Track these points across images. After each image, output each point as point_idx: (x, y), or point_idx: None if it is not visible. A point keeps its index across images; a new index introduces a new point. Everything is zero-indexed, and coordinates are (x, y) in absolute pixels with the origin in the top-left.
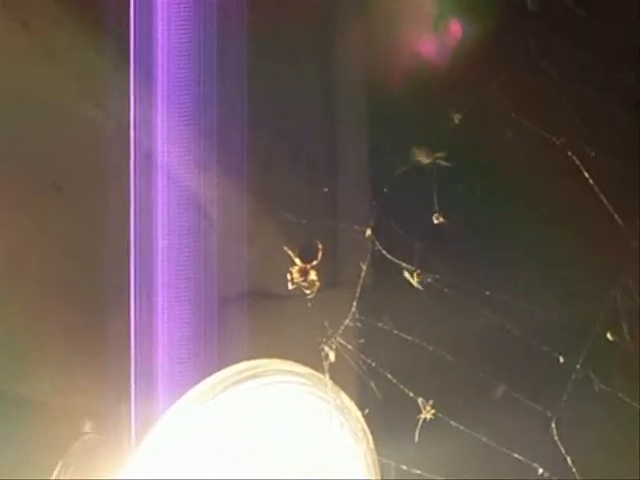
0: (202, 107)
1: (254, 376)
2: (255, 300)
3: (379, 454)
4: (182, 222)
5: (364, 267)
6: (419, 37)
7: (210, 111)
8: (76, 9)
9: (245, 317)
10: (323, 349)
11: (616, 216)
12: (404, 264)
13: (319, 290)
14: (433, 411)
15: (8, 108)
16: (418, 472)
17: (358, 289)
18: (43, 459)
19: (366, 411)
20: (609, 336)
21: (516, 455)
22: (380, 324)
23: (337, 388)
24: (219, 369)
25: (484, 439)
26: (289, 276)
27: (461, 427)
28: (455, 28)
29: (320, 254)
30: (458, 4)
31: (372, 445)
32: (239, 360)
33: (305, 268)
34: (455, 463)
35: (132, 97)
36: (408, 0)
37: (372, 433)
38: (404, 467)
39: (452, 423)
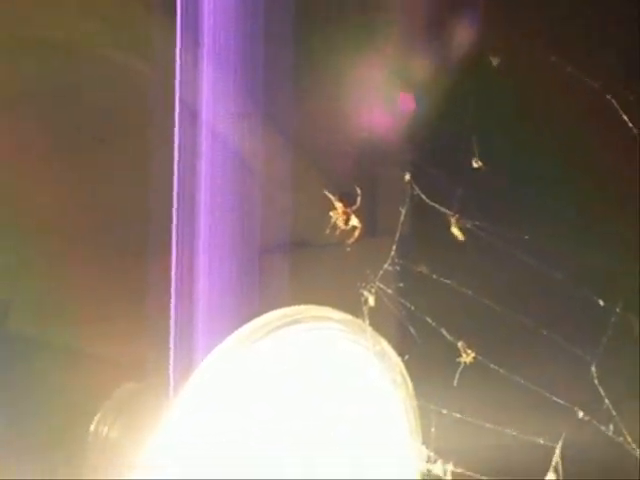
0: (248, 60)
1: (293, 322)
2: (296, 248)
3: (419, 398)
4: (225, 172)
5: (403, 212)
6: None
7: (256, 64)
8: None
9: (286, 265)
10: (363, 294)
11: None
12: (443, 209)
13: (360, 235)
14: (473, 354)
15: (53, 60)
16: (458, 416)
17: (397, 234)
18: (85, 407)
19: (406, 357)
20: None
21: (555, 398)
22: (419, 269)
23: (376, 334)
24: (258, 316)
25: (524, 382)
26: (331, 221)
27: (501, 371)
28: None
29: (359, 199)
30: None
31: (411, 390)
32: (279, 307)
33: (347, 212)
34: (495, 407)
35: (178, 49)
36: None
37: (412, 377)
38: (444, 411)
39: (492, 366)
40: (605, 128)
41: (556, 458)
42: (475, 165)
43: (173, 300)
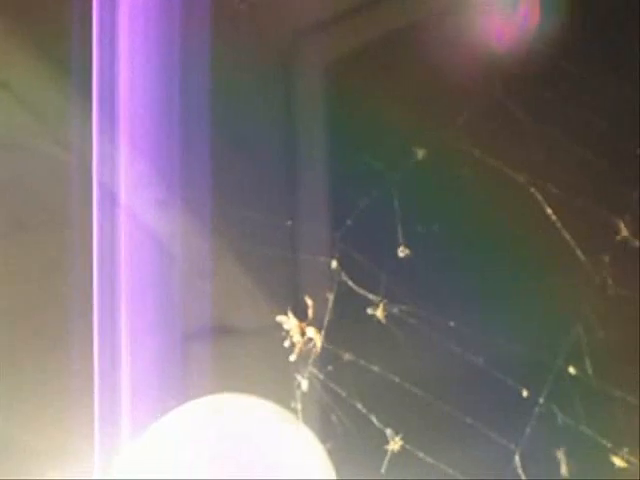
0: (165, 145)
1: (218, 411)
2: (219, 334)
3: None
4: (144, 258)
5: (331, 298)
6: None
7: (173, 149)
8: (39, 50)
9: (209, 351)
10: (296, 378)
11: (578, 251)
12: (370, 295)
13: (321, 348)
14: (400, 443)
15: None
16: None
17: (325, 320)
18: None
19: (328, 445)
20: (571, 370)
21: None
22: (347, 355)
23: (302, 424)
24: (183, 402)
25: (450, 471)
26: (288, 340)
27: (428, 459)
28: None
29: (311, 311)
30: None
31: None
32: (204, 394)
33: (302, 326)
34: None
35: (95, 136)
36: None
37: (340, 465)
38: None
39: (419, 455)
40: (528, 219)
41: None
42: (401, 254)
43: (96, 388)
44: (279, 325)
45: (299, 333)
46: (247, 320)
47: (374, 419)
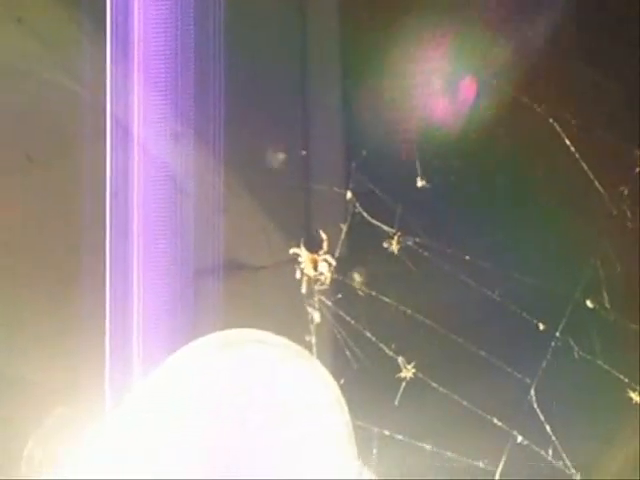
0: (178, 78)
1: (232, 345)
2: (231, 270)
3: (361, 419)
4: (157, 194)
5: (344, 229)
6: None
7: (187, 82)
8: None
9: (222, 287)
10: (308, 313)
11: (597, 183)
12: (385, 227)
13: (332, 281)
14: (413, 370)
15: None
16: (400, 438)
17: (337, 251)
18: (17, 436)
19: (342, 380)
20: (589, 303)
21: (495, 421)
22: (359, 287)
23: (314, 359)
24: (194, 339)
25: (465, 403)
26: (298, 271)
27: (440, 389)
28: None
29: (325, 244)
30: None
31: (347, 416)
32: (215, 330)
33: (314, 259)
34: (435, 427)
35: (108, 68)
36: None
37: (354, 396)
38: (387, 432)
39: (432, 385)
40: (547, 151)
41: None
42: (419, 184)
43: (108, 323)
44: (293, 259)
45: (312, 266)
46: (260, 255)
47: (386, 349)
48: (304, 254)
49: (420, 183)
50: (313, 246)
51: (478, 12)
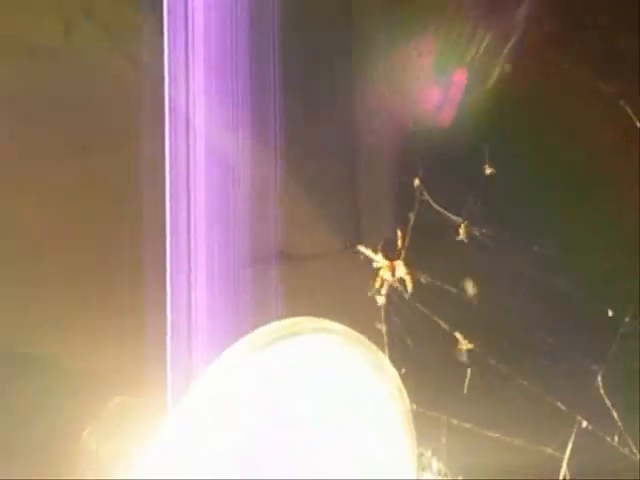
0: (236, 67)
1: (293, 334)
2: (285, 259)
3: (429, 407)
4: (213, 181)
5: (412, 217)
6: None
7: (244, 68)
8: None
9: (277, 276)
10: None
11: None
12: (452, 216)
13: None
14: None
15: (34, 63)
16: (468, 426)
17: (406, 240)
18: (74, 424)
19: (403, 370)
20: None
21: (560, 405)
22: (424, 276)
23: (374, 346)
24: (254, 328)
25: (534, 389)
26: (377, 281)
27: (506, 375)
28: None
29: (402, 243)
30: None
31: (407, 404)
32: (274, 319)
33: (392, 265)
34: (501, 414)
35: (167, 55)
36: None
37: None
38: (455, 421)
39: (502, 370)
40: (618, 135)
41: (564, 470)
42: (487, 171)
43: (169, 313)
44: (352, 249)
45: (390, 273)
46: (319, 244)
47: (450, 336)
48: (381, 261)
49: (488, 170)
50: (377, 237)
51: None
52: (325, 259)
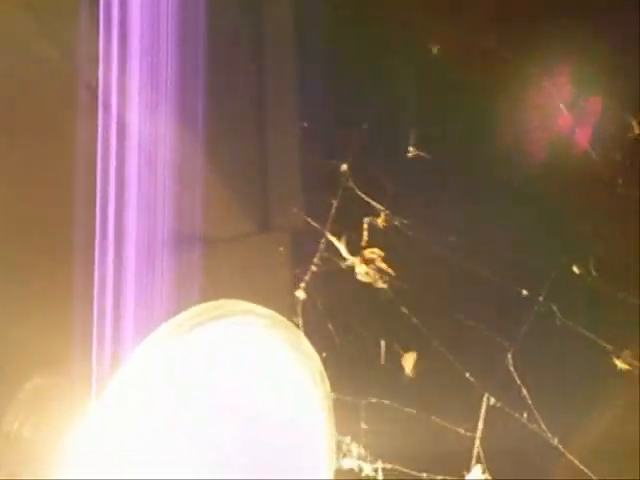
0: (158, 47)
1: (218, 316)
2: (207, 242)
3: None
4: (134, 165)
5: (335, 203)
6: None
7: (166, 50)
8: None
9: (201, 259)
10: (293, 288)
11: (589, 149)
12: (374, 203)
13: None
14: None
15: None
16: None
17: (328, 224)
18: None
19: (324, 354)
20: (575, 269)
21: (469, 377)
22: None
23: (298, 331)
24: (177, 311)
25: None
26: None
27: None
28: None
29: (366, 233)
30: None
31: (328, 389)
32: (196, 302)
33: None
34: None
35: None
36: None
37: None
38: (373, 400)
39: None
40: (540, 115)
41: (477, 448)
42: (410, 154)
43: (96, 297)
44: (280, 229)
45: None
46: (245, 226)
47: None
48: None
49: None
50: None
51: None
52: (242, 242)
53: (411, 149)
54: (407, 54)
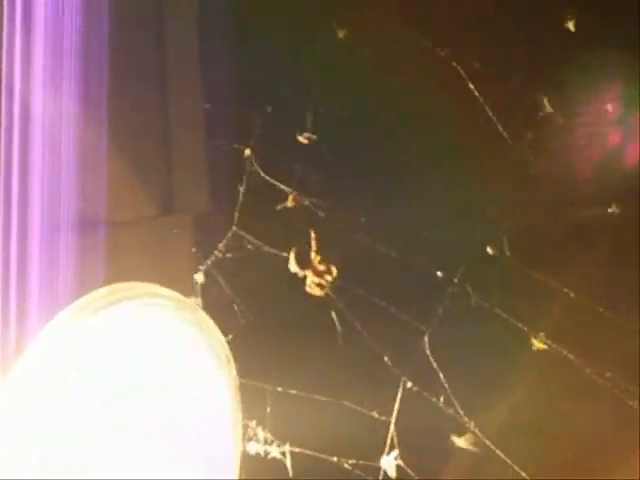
0: (61, 24)
1: (123, 299)
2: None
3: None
4: (37, 148)
5: (241, 188)
6: None
7: (70, 27)
8: None
9: (104, 241)
10: (197, 271)
11: (500, 128)
12: (282, 185)
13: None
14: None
15: None
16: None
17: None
18: None
19: (230, 336)
20: (489, 250)
21: (387, 361)
22: (251, 242)
23: (204, 313)
24: (82, 294)
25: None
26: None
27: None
28: None
29: (315, 243)
30: None
31: (234, 371)
32: (102, 284)
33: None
34: (326, 376)
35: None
36: None
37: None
38: (279, 389)
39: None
40: (450, 96)
41: (392, 432)
42: (305, 140)
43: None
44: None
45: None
46: (146, 208)
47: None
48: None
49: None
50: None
51: None
52: (145, 224)
53: (314, 131)
54: (312, 38)
